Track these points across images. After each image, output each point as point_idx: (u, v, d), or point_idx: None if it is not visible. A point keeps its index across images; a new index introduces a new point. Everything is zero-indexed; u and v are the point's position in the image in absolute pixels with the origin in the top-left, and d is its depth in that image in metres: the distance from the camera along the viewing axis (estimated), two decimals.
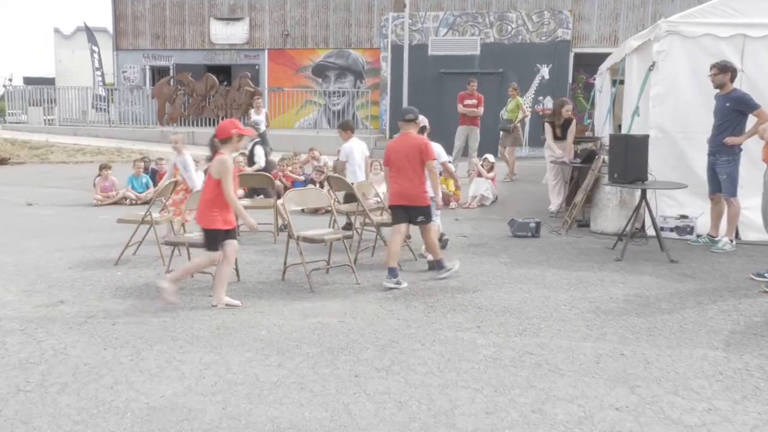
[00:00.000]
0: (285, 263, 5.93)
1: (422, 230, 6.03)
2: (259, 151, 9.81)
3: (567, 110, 9.44)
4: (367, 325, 4.74)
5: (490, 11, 19.69)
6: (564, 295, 5.46)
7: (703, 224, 7.62)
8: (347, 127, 7.97)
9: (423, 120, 6.53)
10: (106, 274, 6.16)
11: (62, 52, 32.06)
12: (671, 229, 7.65)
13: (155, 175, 11.58)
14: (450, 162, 9.96)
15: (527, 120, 17.83)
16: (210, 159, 5.10)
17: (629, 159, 6.77)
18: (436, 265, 6.05)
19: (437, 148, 6.71)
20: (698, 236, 7.55)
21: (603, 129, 11.76)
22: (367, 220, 6.54)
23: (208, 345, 4.33)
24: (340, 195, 7.90)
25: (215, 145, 5.09)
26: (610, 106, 11.88)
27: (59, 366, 3.97)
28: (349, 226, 7.65)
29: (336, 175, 7.87)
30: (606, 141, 11.14)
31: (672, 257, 6.64)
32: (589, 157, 9.17)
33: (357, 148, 7.75)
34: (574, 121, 9.38)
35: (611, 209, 7.98)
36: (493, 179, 10.55)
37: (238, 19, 23.32)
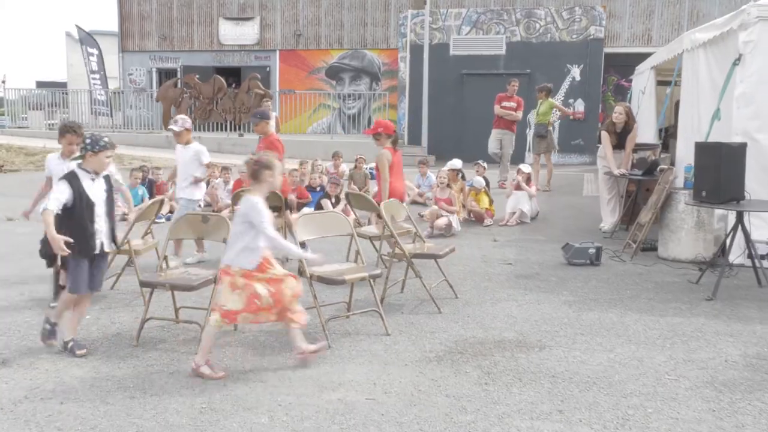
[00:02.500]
0: None
1: None
2: None
3: (617, 113, 8.06)
4: (406, 405, 3.46)
5: (516, 8, 18.36)
6: (661, 356, 4.15)
7: None
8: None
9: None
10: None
11: (74, 56, 31.07)
12: (762, 257, 6.30)
13: (152, 187, 10.36)
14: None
15: (556, 124, 16.56)
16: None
17: (723, 173, 5.45)
18: None
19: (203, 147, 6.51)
20: None
21: (655, 135, 10.45)
22: (397, 249, 5.25)
23: None
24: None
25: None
26: (664, 110, 10.58)
27: None
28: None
29: (355, 190, 6.60)
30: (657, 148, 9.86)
31: None
32: (650, 169, 7.86)
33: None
34: (635, 128, 8.03)
35: (686, 232, 6.65)
36: (534, 194, 9.22)
37: (248, 19, 22.17)
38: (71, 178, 4.06)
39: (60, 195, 3.96)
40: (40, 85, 31.61)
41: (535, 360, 4.08)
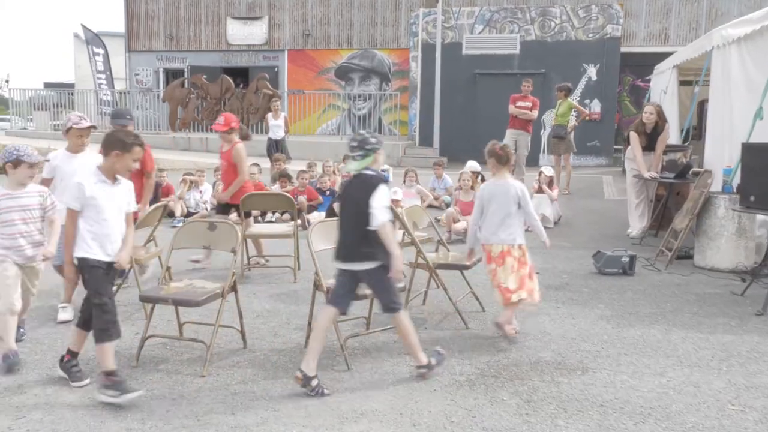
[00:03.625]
0: (310, 323, 4.26)
1: None
2: None
3: (647, 112, 7.61)
4: None
5: (530, 6, 17.93)
6: (719, 381, 3.71)
7: None
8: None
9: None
10: (67, 331, 4.46)
11: (82, 57, 30.90)
12: None
13: (157, 189, 9.95)
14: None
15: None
16: None
17: None
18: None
19: None
20: None
21: (682, 136, 10.01)
22: (420, 259, 4.84)
23: None
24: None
25: None
26: (692, 111, 10.14)
27: None
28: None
29: None
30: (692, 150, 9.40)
31: None
32: (683, 171, 7.43)
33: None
34: (666, 128, 7.58)
35: (726, 239, 6.21)
36: (556, 198, 8.78)
37: (256, 19, 21.82)
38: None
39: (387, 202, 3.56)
40: (48, 86, 31.47)
41: (578, 385, 3.66)
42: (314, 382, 3.52)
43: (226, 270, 5.93)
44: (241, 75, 21.13)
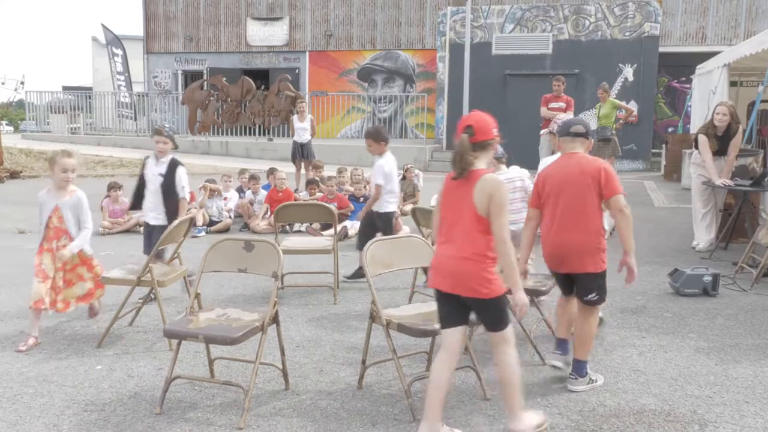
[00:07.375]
0: (364, 362, 3.59)
1: (582, 310, 3.65)
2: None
3: (719, 113, 6.85)
4: None
5: (563, 3, 17.19)
6: None
7: None
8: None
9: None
10: (80, 366, 3.90)
11: (99, 61, 30.67)
12: None
13: None
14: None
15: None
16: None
17: None
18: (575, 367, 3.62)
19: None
20: None
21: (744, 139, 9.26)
22: None
23: None
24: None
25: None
26: (755, 112, 9.40)
27: None
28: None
29: (421, 205, 5.54)
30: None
31: None
32: (759, 179, 6.69)
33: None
34: (740, 131, 6.82)
35: None
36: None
37: (277, 19, 21.29)
38: None
39: None
40: (66, 89, 31.21)
41: None
42: None
43: (263, 294, 5.32)
44: (261, 77, 20.60)
